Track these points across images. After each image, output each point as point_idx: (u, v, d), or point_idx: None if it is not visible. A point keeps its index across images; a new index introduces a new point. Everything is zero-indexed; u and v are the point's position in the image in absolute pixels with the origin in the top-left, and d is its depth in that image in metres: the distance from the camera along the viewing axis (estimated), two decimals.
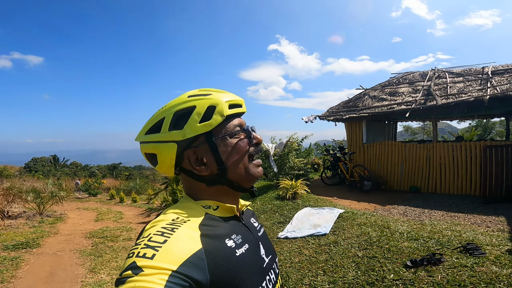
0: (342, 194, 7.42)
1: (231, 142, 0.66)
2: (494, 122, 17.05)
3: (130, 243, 5.27)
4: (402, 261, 3.20)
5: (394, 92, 8.68)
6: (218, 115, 0.64)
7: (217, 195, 0.67)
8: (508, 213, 5.02)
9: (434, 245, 3.55)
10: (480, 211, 5.35)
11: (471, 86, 7.48)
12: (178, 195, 7.69)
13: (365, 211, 5.58)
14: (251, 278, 0.60)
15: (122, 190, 14.23)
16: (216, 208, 0.66)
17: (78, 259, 4.55)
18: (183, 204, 0.66)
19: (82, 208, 10.28)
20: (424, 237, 3.82)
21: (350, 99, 9.72)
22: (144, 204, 11.05)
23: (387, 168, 8.03)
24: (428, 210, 5.70)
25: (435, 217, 5.19)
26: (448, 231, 4.05)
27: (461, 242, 3.56)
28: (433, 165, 7.29)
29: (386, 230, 4.25)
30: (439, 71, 8.94)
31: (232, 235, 0.62)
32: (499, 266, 2.79)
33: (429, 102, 7.37)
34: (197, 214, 0.62)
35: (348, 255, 3.60)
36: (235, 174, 0.66)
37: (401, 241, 3.76)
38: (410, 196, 7.00)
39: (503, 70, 7.65)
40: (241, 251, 0.61)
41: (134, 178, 20.71)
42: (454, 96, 7.20)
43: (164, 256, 0.49)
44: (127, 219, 7.96)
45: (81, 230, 6.51)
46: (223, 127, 0.66)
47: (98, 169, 27.34)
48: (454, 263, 2.95)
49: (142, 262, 0.47)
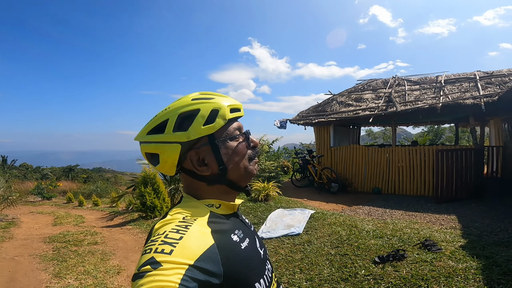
0: (312, 196, 7.71)
1: (232, 145, 0.69)
2: (444, 128, 18.74)
3: (96, 248, 5.00)
4: (371, 258, 3.42)
5: (360, 98, 9.22)
6: (221, 119, 0.68)
7: (218, 194, 0.71)
8: (458, 212, 5.57)
9: (397, 242, 3.84)
10: (434, 210, 5.86)
11: (426, 94, 8.20)
12: (146, 197, 7.43)
13: (334, 212, 5.86)
14: (256, 269, 0.65)
15: (81, 193, 13.37)
16: (218, 206, 0.69)
17: (39, 264, 4.24)
18: (187, 204, 0.69)
19: (36, 212, 9.49)
20: (388, 235, 4.12)
21: (319, 104, 10.12)
22: (107, 207, 10.48)
23: (352, 171, 8.48)
24: (389, 210, 6.13)
25: (396, 216, 5.60)
26: (407, 229, 4.40)
27: (419, 239, 3.89)
28: (393, 168, 7.84)
29: (354, 229, 4.51)
30: (399, 79, 9.66)
31: (235, 231, 0.66)
32: (455, 261, 3.09)
33: (390, 109, 7.94)
34: (203, 213, 0.65)
35: (322, 253, 3.78)
36: (235, 174, 0.70)
37: (368, 239, 4.02)
38: (373, 197, 7.47)
39: (455, 79, 8.47)
40: (245, 244, 0.65)
41: (94, 180, 19.54)
42: (412, 103, 7.84)
43: (182, 251, 0.51)
44: (89, 223, 7.51)
45: (39, 235, 6.03)
46: (224, 130, 0.69)
47: (52, 171, 25.33)
48: (416, 259, 3.22)
49: (161, 257, 0.50)
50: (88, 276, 3.79)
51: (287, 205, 6.27)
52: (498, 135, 9.50)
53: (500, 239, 3.87)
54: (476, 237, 3.97)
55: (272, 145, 9.68)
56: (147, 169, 7.95)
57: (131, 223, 7.09)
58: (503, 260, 2.99)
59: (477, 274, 2.76)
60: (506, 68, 8.32)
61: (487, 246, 3.54)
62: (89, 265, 4.13)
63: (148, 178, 7.74)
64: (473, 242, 3.71)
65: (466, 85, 7.86)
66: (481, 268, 2.86)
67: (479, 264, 2.93)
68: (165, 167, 0.69)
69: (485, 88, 7.42)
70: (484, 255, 3.18)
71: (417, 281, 2.76)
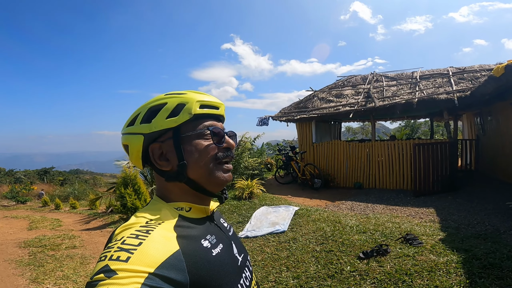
0: (295, 192, 7.77)
1: (197, 142, 0.67)
2: (420, 122, 19.42)
3: (75, 251, 4.82)
4: (355, 253, 3.47)
5: (340, 94, 9.36)
6: (186, 113, 0.66)
7: (188, 196, 0.68)
8: (436, 205, 5.74)
9: (379, 237, 3.91)
10: (413, 204, 6.02)
11: (403, 89, 8.43)
12: (127, 199, 7.22)
13: (317, 208, 5.93)
14: (229, 276, 0.61)
15: (58, 196, 12.82)
16: (188, 210, 0.66)
17: (15, 270, 4.05)
18: (154, 206, 0.66)
19: (10, 217, 9.03)
20: (371, 230, 4.20)
21: (300, 101, 10.19)
22: (86, 210, 10.13)
23: (334, 166, 8.61)
24: (371, 204, 6.27)
25: (377, 211, 5.72)
26: (389, 223, 4.50)
27: (401, 233, 3.97)
28: (373, 162, 8.02)
29: (338, 224, 4.57)
30: (377, 75, 9.88)
31: (207, 236, 0.64)
32: (436, 255, 3.17)
33: (369, 104, 8.11)
34: (171, 216, 0.62)
35: (307, 250, 3.80)
36: (196, 174, 0.66)
37: (352, 235, 4.07)
38: (355, 192, 7.61)
39: (429, 75, 8.77)
40: (217, 250, 0.62)
41: (71, 183, 18.82)
42: (389, 99, 8.04)
43: (140, 258, 0.48)
44: (67, 227, 7.22)
45: (13, 240, 5.75)
46: (192, 126, 0.67)
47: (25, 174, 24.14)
48: (399, 253, 3.29)
49: (116, 265, 0.46)
50: (68, 280, 3.65)
51: (272, 203, 6.28)
52: (471, 128, 9.94)
53: (478, 231, 4.00)
54: (455, 230, 4.09)
55: (254, 142, 9.67)
56: (127, 169, 7.73)
57: (111, 226, 6.89)
58: (482, 253, 3.09)
59: (458, 268, 2.84)
60: (478, 64, 8.70)
61: (466, 239, 3.63)
62: (68, 270, 3.97)
63: (128, 179, 7.52)
64: (452, 235, 3.81)
65: (440, 81, 8.15)
66: (462, 262, 2.94)
67: (459, 258, 3.02)
68: (132, 158, 0.69)
69: (458, 84, 7.72)
70: (463, 248, 3.28)
71: (401, 276, 2.83)
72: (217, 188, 0.70)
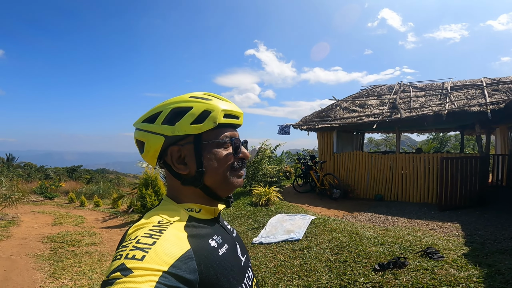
0: (313, 201, 7.63)
1: (217, 151, 0.67)
2: (449, 135, 18.56)
3: (94, 248, 4.98)
4: (371, 265, 3.34)
5: (364, 104, 9.15)
6: (210, 121, 0.66)
7: (198, 198, 0.69)
8: (462, 220, 5.46)
9: (398, 249, 3.75)
10: (437, 218, 5.75)
11: (432, 100, 8.10)
12: (147, 199, 7.40)
13: (335, 218, 5.78)
14: (234, 276, 0.63)
15: (84, 193, 13.40)
16: (198, 211, 0.68)
17: (35, 264, 4.22)
18: (165, 207, 0.68)
19: (37, 212, 9.52)
20: (389, 242, 4.03)
21: (322, 109, 10.06)
22: (108, 208, 10.49)
23: (355, 177, 8.39)
24: (391, 216, 6.03)
25: (398, 223, 5.50)
26: (409, 236, 4.31)
27: (421, 246, 3.80)
28: (396, 175, 7.74)
29: (354, 235, 4.43)
30: (404, 85, 9.57)
31: (214, 236, 0.65)
32: (456, 269, 3.01)
33: (394, 115, 7.86)
34: (181, 216, 0.64)
35: (321, 259, 3.70)
36: (212, 181, 0.68)
37: (368, 246, 3.93)
38: (375, 204, 7.36)
39: (461, 86, 8.37)
40: (223, 250, 0.64)
41: (96, 181, 19.59)
42: (417, 110, 7.75)
43: (154, 257, 0.49)
44: (89, 224, 7.51)
45: (37, 234, 6.03)
46: (213, 134, 0.68)
47: (55, 171, 25.44)
48: (417, 266, 3.13)
49: (132, 263, 0.47)
50: (83, 277, 3.76)
51: (288, 210, 6.20)
52: (504, 143, 9.36)
53: (504, 247, 3.78)
54: (479, 245, 3.87)
55: (275, 151, 9.64)
56: (148, 171, 7.95)
57: (130, 225, 7.06)
58: (506, 268, 2.92)
59: (479, 282, 2.68)
60: None
61: (490, 254, 3.46)
62: (85, 266, 4.10)
63: (149, 180, 7.73)
64: (476, 250, 3.62)
65: (473, 92, 7.77)
66: (483, 276, 2.78)
67: (481, 273, 2.86)
68: (147, 156, 0.69)
69: (492, 95, 7.33)
70: (486, 263, 3.11)
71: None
72: (227, 193, 0.72)
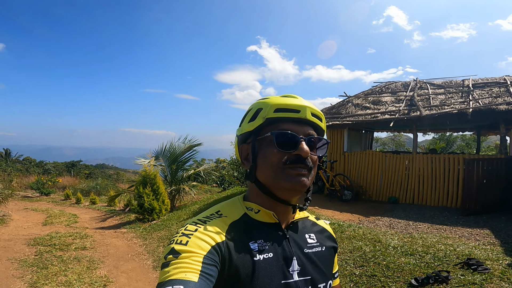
0: (322, 204, 7.12)
1: (265, 146, 0.68)
2: (456, 136, 17.96)
3: (84, 253, 4.47)
4: (405, 280, 2.94)
5: (378, 101, 8.63)
6: (260, 118, 0.69)
7: (260, 198, 0.70)
8: (490, 226, 5.01)
9: (432, 260, 3.35)
10: (463, 223, 5.29)
11: (453, 98, 7.61)
12: (145, 199, 6.90)
13: (350, 223, 5.27)
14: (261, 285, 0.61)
15: (80, 190, 12.90)
16: (257, 212, 0.70)
17: (16, 271, 3.72)
18: (230, 202, 0.74)
19: (30, 209, 9.04)
20: (419, 252, 3.62)
21: (333, 106, 9.56)
22: (105, 206, 10.00)
23: (367, 178, 7.88)
24: (412, 222, 5.54)
25: (421, 230, 5.04)
26: (440, 245, 3.89)
27: (458, 257, 3.41)
28: (412, 176, 7.24)
29: (378, 244, 3.97)
30: (421, 82, 9.05)
31: (259, 240, 0.66)
32: (508, 283, 2.63)
33: (413, 113, 7.35)
34: (236, 213, 0.70)
35: (344, 273, 3.25)
36: (264, 177, 0.68)
37: (397, 257, 3.50)
38: (390, 207, 6.86)
39: (483, 84, 7.88)
40: (261, 257, 0.63)
41: (95, 177, 19.15)
42: (437, 108, 7.24)
43: (195, 242, 0.58)
44: (82, 224, 7.00)
45: (25, 235, 5.51)
46: (267, 130, 0.69)
47: (54, 166, 24.99)
48: (462, 281, 2.77)
49: (179, 247, 0.57)
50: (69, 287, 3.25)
51: None
52: None
53: None
54: None
55: None
56: (147, 168, 7.44)
57: (126, 226, 6.56)
58: None
59: None
60: None
61: None
62: (72, 275, 3.59)
63: (148, 178, 7.22)
64: None
65: (497, 90, 7.27)
66: None
67: None
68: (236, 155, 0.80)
69: None
70: None
71: None
72: (284, 194, 0.68)
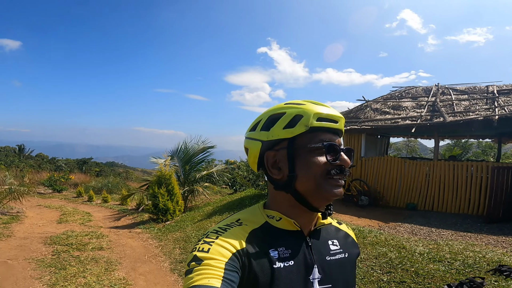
0: (339, 209, 6.96)
1: (309, 155, 0.66)
2: (472, 142, 17.49)
3: (101, 254, 4.42)
4: (437, 286, 2.86)
5: (398, 106, 8.43)
6: (302, 125, 0.65)
7: (286, 207, 0.69)
8: None
9: (462, 267, 3.25)
10: (487, 231, 5.12)
11: (477, 104, 7.39)
12: (159, 199, 6.86)
13: (371, 229, 5.11)
14: None
15: (92, 187, 12.98)
16: (279, 219, 0.69)
17: (34, 271, 3.66)
18: (251, 209, 0.74)
19: (43, 206, 9.07)
20: (448, 259, 3.51)
21: (350, 110, 9.41)
22: (117, 205, 10.01)
23: (384, 184, 7.69)
24: (435, 229, 5.37)
25: (446, 237, 4.89)
26: (469, 252, 3.77)
27: (488, 263, 3.32)
28: (432, 183, 7.03)
29: (403, 250, 3.84)
30: (443, 87, 8.84)
31: (280, 248, 0.65)
32: None
33: (436, 119, 7.15)
34: (257, 221, 0.69)
35: (371, 279, 3.13)
36: (304, 187, 0.66)
37: (425, 263, 3.39)
38: (409, 213, 6.67)
39: (508, 90, 7.63)
40: (281, 265, 0.63)
41: (106, 174, 19.28)
42: (462, 114, 7.04)
43: (217, 249, 0.59)
44: (96, 223, 6.98)
45: (40, 234, 5.49)
46: (307, 138, 0.66)
47: (66, 163, 25.28)
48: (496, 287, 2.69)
49: (201, 254, 0.58)
50: None
51: None
52: None
53: None
54: None
55: None
56: (163, 168, 7.40)
57: (140, 226, 6.52)
58: None
59: None
60: None
61: None
62: (91, 276, 3.51)
63: (163, 178, 7.17)
64: None
65: None
66: None
67: None
68: (250, 161, 0.73)
69: None
70: None
71: None
72: (322, 202, 0.68)
